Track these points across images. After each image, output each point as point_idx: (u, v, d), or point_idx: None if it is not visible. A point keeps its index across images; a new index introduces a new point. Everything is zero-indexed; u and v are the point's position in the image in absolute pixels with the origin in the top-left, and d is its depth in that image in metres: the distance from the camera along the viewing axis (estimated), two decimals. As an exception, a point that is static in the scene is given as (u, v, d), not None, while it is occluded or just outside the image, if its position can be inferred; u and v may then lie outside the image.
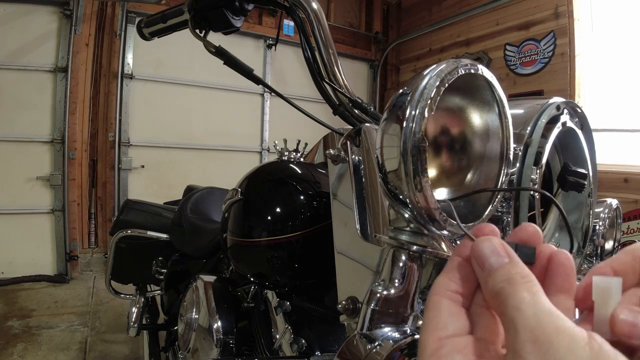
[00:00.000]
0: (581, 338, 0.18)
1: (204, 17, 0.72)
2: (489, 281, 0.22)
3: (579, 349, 0.17)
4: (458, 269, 0.24)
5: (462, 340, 0.22)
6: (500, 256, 0.22)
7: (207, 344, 0.82)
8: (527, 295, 0.20)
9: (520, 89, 3.48)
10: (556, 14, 3.27)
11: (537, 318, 0.19)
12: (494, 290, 0.21)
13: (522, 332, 0.19)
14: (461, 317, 0.23)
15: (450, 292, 0.23)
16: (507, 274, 0.21)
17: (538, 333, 0.18)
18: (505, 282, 0.21)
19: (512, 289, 0.20)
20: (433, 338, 0.22)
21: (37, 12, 3.13)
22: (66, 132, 3.18)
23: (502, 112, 0.43)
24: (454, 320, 0.23)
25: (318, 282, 0.74)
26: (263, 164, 0.87)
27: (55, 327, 2.29)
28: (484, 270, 0.22)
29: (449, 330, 0.22)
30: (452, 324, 0.22)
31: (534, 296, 0.20)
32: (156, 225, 1.51)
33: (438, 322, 0.22)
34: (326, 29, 0.68)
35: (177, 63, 3.69)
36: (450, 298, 0.23)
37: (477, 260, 0.23)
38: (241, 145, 4.09)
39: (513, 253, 0.23)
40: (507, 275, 0.21)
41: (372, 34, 4.81)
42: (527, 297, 0.20)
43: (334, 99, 0.66)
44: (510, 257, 0.22)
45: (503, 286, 0.21)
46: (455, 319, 0.23)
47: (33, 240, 3.21)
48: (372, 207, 0.54)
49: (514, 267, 0.21)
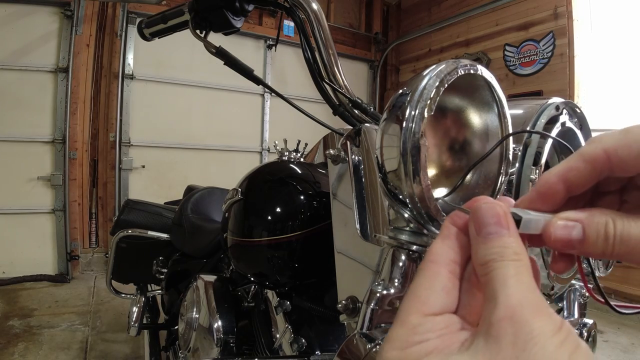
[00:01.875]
0: (556, 323, 0.18)
1: (204, 17, 0.72)
2: (482, 249, 0.21)
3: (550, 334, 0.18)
4: (456, 237, 0.23)
5: (444, 319, 0.21)
6: (500, 226, 0.21)
7: (208, 344, 0.82)
8: (515, 273, 0.20)
9: (519, 90, 3.48)
10: (555, 14, 3.27)
11: (520, 297, 0.19)
12: (484, 259, 0.21)
13: (502, 307, 0.19)
14: (453, 293, 0.22)
15: (449, 260, 0.22)
16: (502, 247, 0.21)
17: (517, 311, 0.18)
18: (498, 255, 0.20)
19: (503, 263, 0.20)
20: (417, 313, 0.21)
21: (38, 13, 3.13)
22: (67, 132, 3.19)
23: (501, 113, 0.43)
24: (445, 297, 0.21)
25: (318, 282, 0.74)
26: (263, 164, 0.87)
27: (56, 327, 2.29)
28: (479, 235, 0.22)
29: (435, 308, 0.21)
30: (442, 301, 0.21)
31: (521, 275, 0.20)
32: (157, 225, 1.51)
33: (428, 297, 0.21)
34: (326, 30, 0.68)
35: (178, 63, 3.70)
36: (449, 268, 0.22)
37: (475, 223, 0.22)
38: (241, 145, 4.10)
39: (514, 227, 0.22)
40: (501, 248, 0.21)
41: (372, 34, 4.81)
42: (515, 275, 0.20)
43: (334, 100, 0.66)
44: (510, 229, 0.21)
45: (494, 258, 0.20)
46: (447, 295, 0.22)
47: (34, 240, 3.21)
48: (372, 207, 0.54)
49: (511, 241, 0.21)
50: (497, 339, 0.18)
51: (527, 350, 0.17)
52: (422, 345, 0.20)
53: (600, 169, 0.23)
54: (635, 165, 0.22)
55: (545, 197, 0.24)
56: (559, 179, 0.23)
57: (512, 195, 0.53)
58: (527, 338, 0.17)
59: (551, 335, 0.18)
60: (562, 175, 0.23)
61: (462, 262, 0.23)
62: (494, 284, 0.20)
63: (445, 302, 0.22)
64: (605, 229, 0.21)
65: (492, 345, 0.18)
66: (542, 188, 0.24)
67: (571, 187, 0.23)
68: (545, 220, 0.23)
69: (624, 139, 0.22)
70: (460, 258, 0.23)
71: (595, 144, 0.23)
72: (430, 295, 0.21)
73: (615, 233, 0.21)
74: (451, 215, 0.24)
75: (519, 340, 0.17)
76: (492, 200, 0.23)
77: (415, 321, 0.21)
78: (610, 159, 0.22)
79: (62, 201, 3.23)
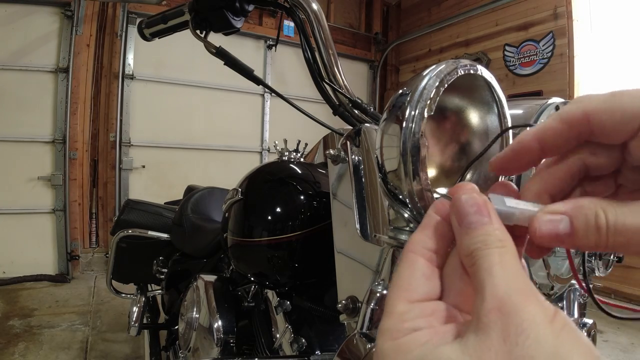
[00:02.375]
0: (547, 313, 0.17)
1: (204, 18, 0.73)
2: (465, 239, 0.21)
3: (543, 324, 0.17)
4: (435, 226, 0.23)
5: (430, 305, 0.21)
6: (481, 214, 0.21)
7: (208, 343, 0.82)
8: (500, 261, 0.19)
9: (519, 90, 3.49)
10: (555, 14, 3.27)
11: (507, 285, 0.18)
12: (469, 250, 0.20)
13: (489, 298, 0.18)
14: (434, 280, 0.22)
15: (427, 250, 0.22)
16: (485, 235, 0.20)
17: (505, 301, 0.17)
18: (482, 243, 0.20)
19: (487, 252, 0.19)
20: (402, 300, 0.21)
21: (38, 13, 3.14)
22: (67, 133, 3.19)
23: (501, 113, 0.43)
24: (427, 283, 0.21)
25: (318, 282, 0.74)
26: (263, 164, 0.87)
27: (56, 327, 2.29)
28: (461, 226, 0.21)
29: (419, 294, 0.21)
30: (424, 287, 0.21)
31: (507, 263, 0.19)
32: (157, 225, 1.51)
33: (410, 284, 0.21)
34: (326, 30, 0.68)
35: (178, 63, 3.70)
36: (426, 257, 0.22)
37: (456, 215, 0.22)
38: (241, 145, 4.10)
39: (495, 214, 0.21)
40: (484, 236, 0.20)
41: (372, 34, 4.81)
42: (500, 263, 0.19)
43: (334, 100, 0.67)
44: (491, 217, 0.21)
45: (478, 247, 0.20)
46: (428, 281, 0.21)
47: (34, 240, 3.21)
48: (372, 207, 0.54)
49: (493, 229, 0.20)
50: (486, 333, 0.17)
51: (519, 344, 0.16)
52: (415, 335, 0.19)
53: (577, 131, 0.22)
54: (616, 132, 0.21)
55: (519, 155, 0.23)
56: (533, 137, 0.23)
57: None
58: (517, 331, 0.16)
59: (544, 326, 0.17)
60: (538, 134, 0.23)
61: (441, 250, 0.22)
62: (480, 273, 0.19)
63: (427, 288, 0.21)
64: (596, 220, 0.20)
65: (482, 339, 0.17)
66: (517, 146, 0.23)
67: (546, 147, 0.23)
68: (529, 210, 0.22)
69: (607, 103, 0.21)
70: (438, 246, 0.22)
71: (577, 104, 0.22)
72: (412, 282, 0.21)
73: (607, 224, 0.20)
74: (435, 203, 0.24)
75: (509, 334, 0.17)
76: (471, 188, 0.22)
77: (402, 309, 0.20)
78: (589, 122, 0.21)
79: (63, 201, 3.23)
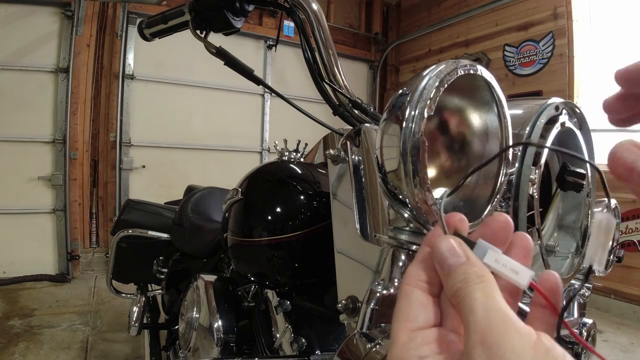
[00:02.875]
0: (529, 339, 0.18)
1: (204, 18, 0.73)
2: (449, 281, 0.22)
3: (526, 351, 0.17)
4: (428, 258, 0.24)
5: (431, 333, 0.22)
6: (457, 256, 0.22)
7: (208, 343, 0.82)
8: (481, 296, 0.20)
9: (519, 90, 3.48)
10: (555, 14, 3.27)
11: (487, 320, 0.19)
12: (453, 290, 0.22)
13: (474, 333, 0.19)
14: (432, 308, 0.23)
15: (421, 282, 0.24)
16: (464, 274, 0.21)
17: (487, 334, 0.18)
18: (462, 282, 0.21)
19: (468, 290, 0.21)
20: (404, 330, 0.22)
21: (38, 13, 3.14)
22: (67, 133, 3.19)
23: (501, 113, 0.43)
24: (425, 312, 0.23)
25: (318, 282, 0.74)
26: (263, 164, 0.87)
27: (56, 326, 2.29)
28: (443, 270, 0.23)
29: (419, 322, 0.22)
30: (423, 316, 0.23)
31: (487, 297, 0.20)
32: (157, 225, 1.51)
33: (409, 314, 0.23)
34: (326, 30, 0.69)
35: (178, 64, 3.70)
36: (421, 288, 0.23)
37: (436, 259, 0.23)
38: (242, 145, 4.10)
39: (470, 252, 0.23)
40: (463, 275, 0.21)
41: (372, 34, 4.81)
42: (480, 298, 0.20)
43: (334, 100, 0.67)
44: (467, 256, 0.22)
45: (460, 286, 0.21)
46: (426, 310, 0.23)
47: (35, 240, 3.21)
48: (372, 207, 0.54)
49: (470, 267, 0.22)
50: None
51: None
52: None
53: None
54: None
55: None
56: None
57: (511, 195, 0.53)
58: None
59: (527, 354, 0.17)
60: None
61: (435, 279, 0.24)
62: (465, 311, 0.20)
63: (426, 316, 0.23)
64: None
65: None
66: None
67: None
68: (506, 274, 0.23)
69: None
70: (432, 277, 0.24)
71: None
72: (410, 312, 0.23)
73: None
74: (427, 236, 0.26)
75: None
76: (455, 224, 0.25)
77: (405, 338, 0.22)
78: None
79: (63, 201, 3.23)
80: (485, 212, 0.44)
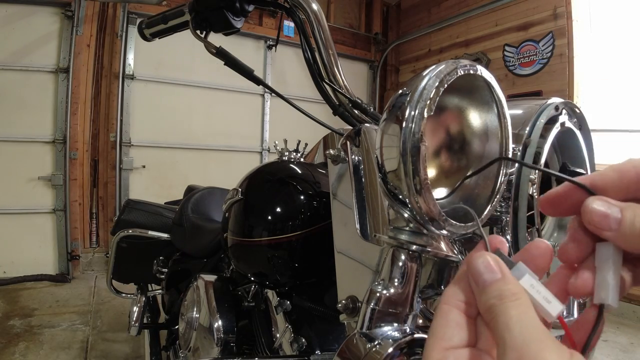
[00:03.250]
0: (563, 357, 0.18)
1: (204, 18, 0.73)
2: (482, 297, 0.22)
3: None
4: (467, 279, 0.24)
5: (465, 353, 0.22)
6: (493, 272, 0.22)
7: (208, 343, 0.82)
8: (516, 314, 0.20)
9: (519, 90, 3.49)
10: (555, 15, 3.27)
11: (523, 337, 0.19)
12: (486, 306, 0.22)
13: (509, 351, 0.19)
14: (467, 328, 0.23)
15: (459, 301, 0.24)
16: (498, 291, 0.22)
17: (524, 352, 0.18)
18: (496, 299, 0.21)
19: (503, 307, 0.21)
20: (438, 348, 0.22)
21: (38, 13, 3.14)
22: (68, 133, 3.19)
23: (501, 113, 0.43)
24: (460, 331, 0.23)
25: (318, 282, 0.75)
26: (263, 164, 0.87)
27: (56, 326, 2.29)
28: (477, 285, 0.23)
29: (453, 342, 0.23)
30: (458, 335, 0.23)
31: (522, 315, 0.20)
32: (157, 225, 1.51)
33: (445, 333, 0.23)
34: (326, 30, 0.69)
35: (178, 64, 3.70)
36: (458, 308, 0.24)
37: (471, 275, 0.23)
38: (242, 145, 4.10)
39: (506, 269, 0.23)
40: (498, 292, 0.21)
41: (372, 34, 4.81)
42: (515, 315, 0.20)
43: (334, 100, 0.67)
44: (503, 273, 0.22)
45: (494, 303, 0.21)
46: (461, 330, 0.23)
47: (35, 240, 3.21)
48: (372, 207, 0.54)
49: (506, 284, 0.22)
50: None
51: None
52: None
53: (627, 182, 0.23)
54: None
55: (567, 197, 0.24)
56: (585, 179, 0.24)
57: (511, 195, 0.53)
58: None
59: None
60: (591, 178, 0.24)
61: (473, 300, 0.24)
62: (499, 328, 0.20)
63: (460, 336, 0.23)
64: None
65: None
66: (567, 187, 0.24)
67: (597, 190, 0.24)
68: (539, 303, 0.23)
69: None
70: (469, 297, 0.24)
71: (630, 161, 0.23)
72: (446, 331, 0.23)
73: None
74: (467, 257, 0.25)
75: None
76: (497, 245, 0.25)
77: (438, 355, 0.22)
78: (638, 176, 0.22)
79: (63, 201, 3.23)
80: (485, 212, 0.44)
